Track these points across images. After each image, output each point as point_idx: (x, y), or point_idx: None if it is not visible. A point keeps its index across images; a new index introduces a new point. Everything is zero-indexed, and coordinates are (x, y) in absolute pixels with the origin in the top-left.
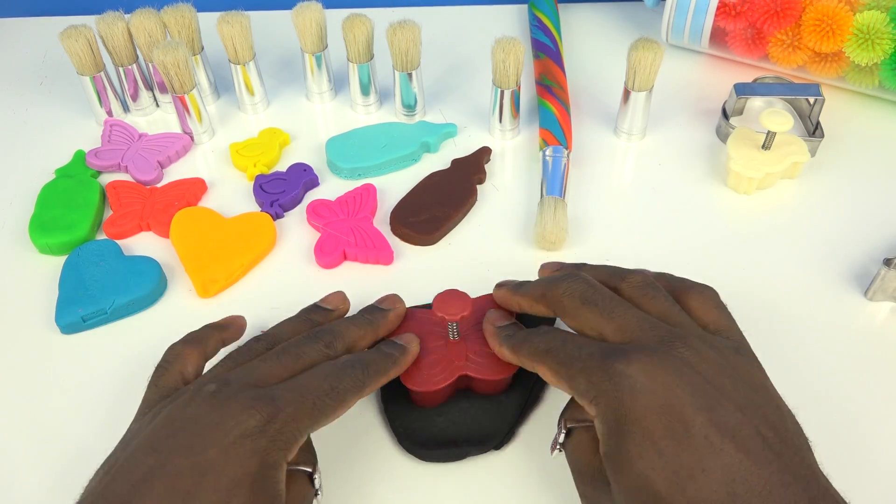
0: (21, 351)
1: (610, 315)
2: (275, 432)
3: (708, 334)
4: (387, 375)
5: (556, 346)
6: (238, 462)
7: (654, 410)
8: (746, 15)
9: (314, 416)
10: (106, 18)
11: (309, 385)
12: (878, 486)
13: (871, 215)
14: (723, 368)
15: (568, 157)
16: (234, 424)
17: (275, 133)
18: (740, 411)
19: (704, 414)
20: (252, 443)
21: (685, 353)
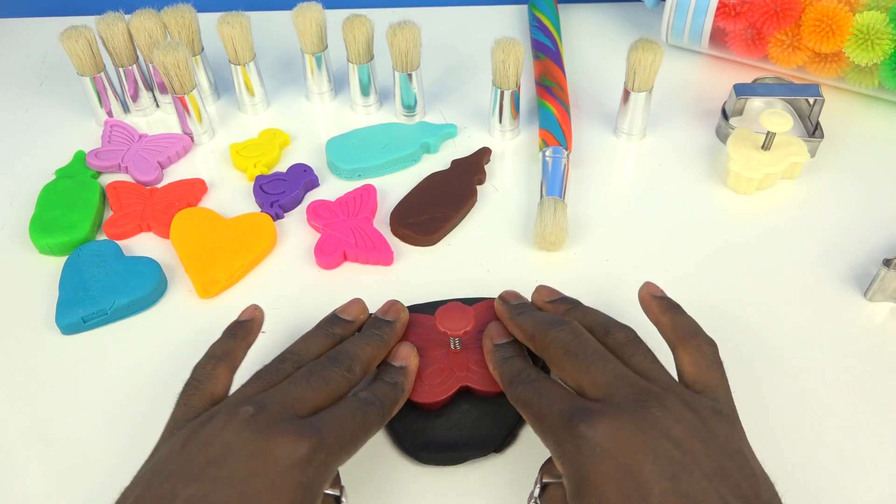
0: (21, 351)
1: (588, 369)
2: (320, 463)
3: (690, 393)
4: (399, 405)
5: (532, 400)
6: (286, 493)
7: (612, 477)
8: (746, 15)
9: (350, 448)
10: (106, 19)
11: (346, 417)
12: (879, 486)
13: (870, 215)
14: (696, 432)
15: (568, 157)
16: (283, 454)
17: (275, 133)
18: (707, 479)
19: (665, 482)
20: (301, 473)
21: (657, 414)
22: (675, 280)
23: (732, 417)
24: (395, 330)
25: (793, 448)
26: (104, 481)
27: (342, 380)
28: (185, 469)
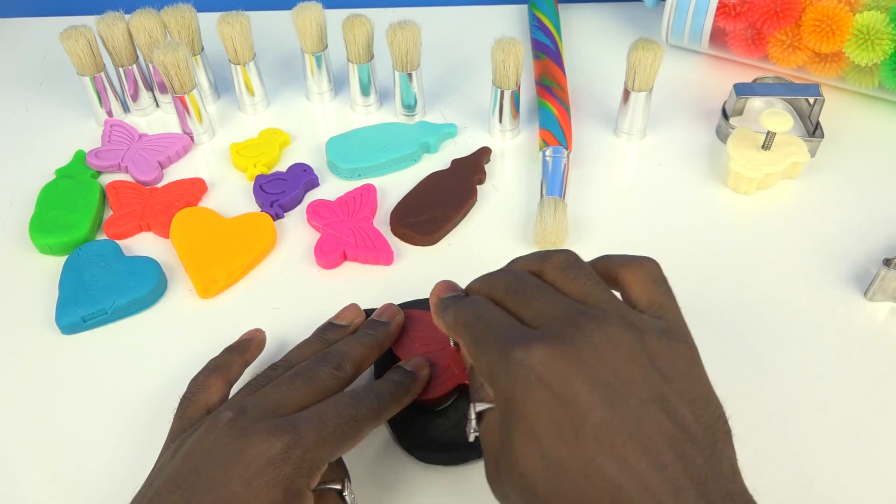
0: (21, 351)
1: (528, 301)
2: (297, 459)
3: (634, 313)
4: (400, 404)
5: (472, 322)
6: (262, 493)
7: (545, 406)
8: (746, 15)
9: (334, 442)
10: (106, 19)
11: (328, 412)
12: (879, 485)
13: (871, 215)
14: (636, 356)
15: (568, 157)
16: (256, 454)
17: (275, 133)
18: (643, 406)
19: (600, 412)
20: (275, 471)
21: (595, 339)
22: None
23: (680, 336)
24: (390, 330)
25: (793, 447)
26: (104, 481)
27: (329, 378)
28: (171, 479)
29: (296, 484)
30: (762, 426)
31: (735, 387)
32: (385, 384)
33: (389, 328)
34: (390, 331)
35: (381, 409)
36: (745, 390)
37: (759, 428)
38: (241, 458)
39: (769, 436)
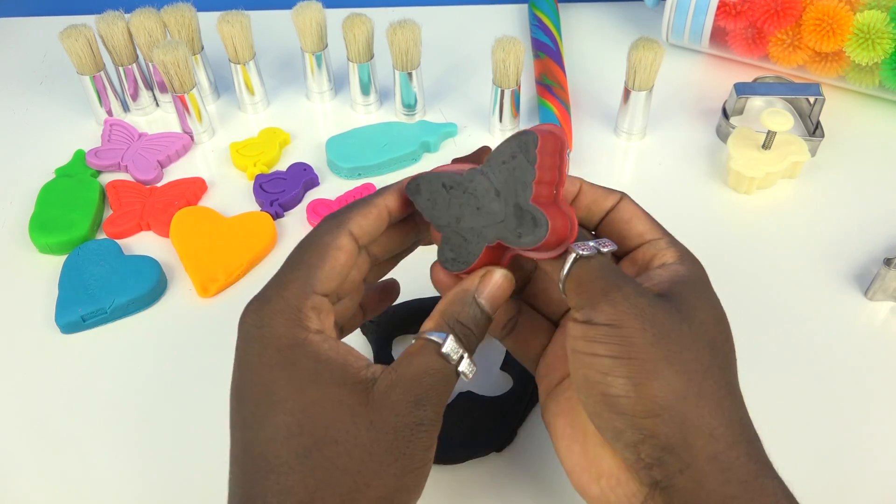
0: (21, 351)
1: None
2: (254, 311)
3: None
4: (370, 205)
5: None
6: (238, 351)
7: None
8: (746, 14)
9: (281, 283)
10: (106, 18)
11: (289, 257)
12: (879, 485)
13: (871, 215)
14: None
15: (568, 156)
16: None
17: (275, 133)
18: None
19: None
20: (241, 331)
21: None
22: None
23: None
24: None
25: (793, 447)
26: (104, 480)
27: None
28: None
29: (251, 334)
30: (762, 426)
31: None
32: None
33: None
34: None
35: (342, 219)
36: (744, 390)
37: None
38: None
39: (769, 435)
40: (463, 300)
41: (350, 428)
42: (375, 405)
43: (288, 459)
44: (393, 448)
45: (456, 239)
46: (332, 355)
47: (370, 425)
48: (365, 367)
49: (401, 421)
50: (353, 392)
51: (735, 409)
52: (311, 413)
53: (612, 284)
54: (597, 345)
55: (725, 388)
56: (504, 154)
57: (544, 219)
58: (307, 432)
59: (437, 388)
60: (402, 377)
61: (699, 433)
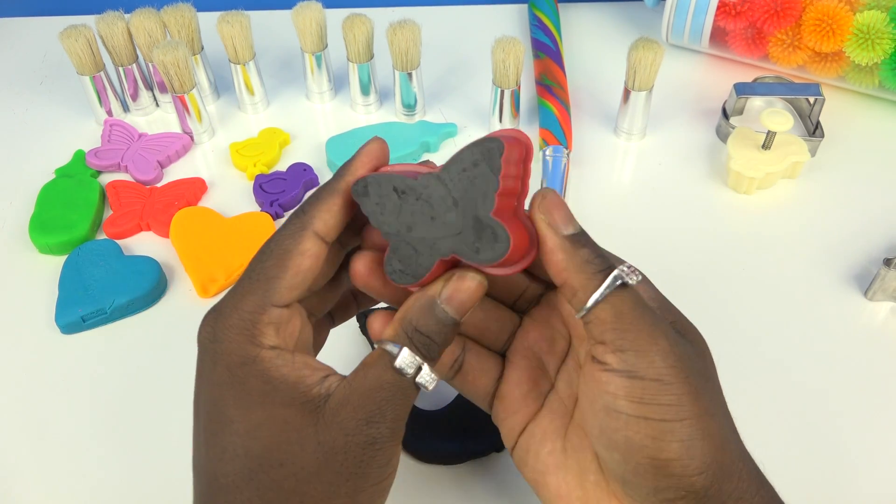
0: (21, 351)
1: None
2: (209, 324)
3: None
4: (333, 194)
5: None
6: (197, 369)
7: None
8: (746, 15)
9: (255, 287)
10: (106, 18)
11: (250, 265)
12: (879, 485)
13: (871, 215)
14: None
15: (568, 156)
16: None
17: (275, 133)
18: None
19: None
20: (200, 349)
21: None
22: (675, 279)
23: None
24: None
25: (793, 447)
26: (103, 480)
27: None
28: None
29: (209, 349)
30: (762, 425)
31: (735, 386)
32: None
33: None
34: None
35: (305, 219)
36: (745, 390)
37: (758, 427)
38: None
39: (769, 435)
40: (424, 306)
41: (296, 450)
42: (324, 425)
43: (235, 479)
44: (343, 469)
45: (405, 249)
46: (285, 372)
47: (317, 446)
48: (319, 383)
49: (351, 441)
50: (301, 412)
51: (738, 439)
52: (257, 435)
53: (658, 329)
54: (647, 407)
55: (731, 422)
56: (465, 160)
57: (506, 234)
58: (252, 455)
59: (392, 403)
60: (354, 392)
61: (731, 476)
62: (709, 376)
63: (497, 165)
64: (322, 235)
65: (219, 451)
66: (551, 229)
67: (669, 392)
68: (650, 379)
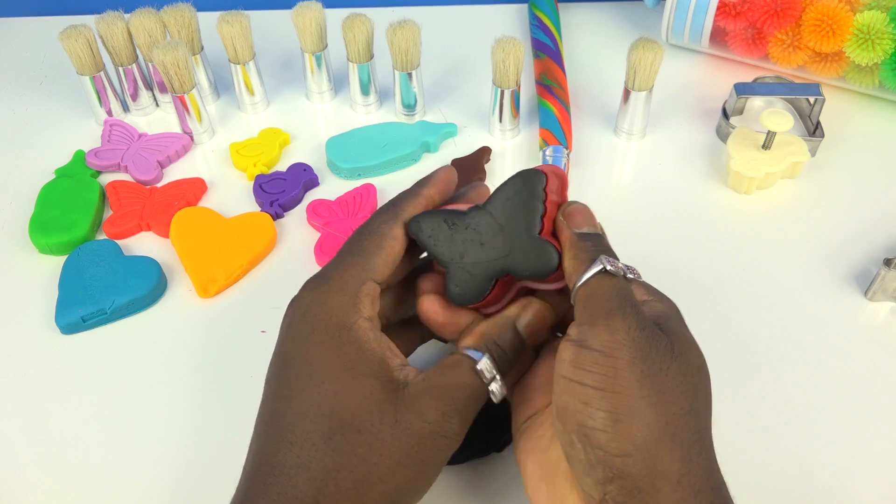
0: (21, 351)
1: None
2: (297, 303)
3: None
4: (418, 196)
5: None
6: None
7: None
8: (746, 15)
9: (357, 261)
10: (106, 18)
11: (342, 248)
12: (879, 485)
13: (871, 215)
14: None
15: (568, 156)
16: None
17: (275, 133)
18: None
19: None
20: (286, 319)
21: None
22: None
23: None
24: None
25: (792, 447)
26: (103, 481)
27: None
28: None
29: (337, 315)
30: (762, 426)
31: (735, 386)
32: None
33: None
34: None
35: (397, 208)
36: (744, 390)
37: (758, 427)
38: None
39: (769, 435)
40: (503, 325)
41: (375, 421)
42: (404, 406)
43: (312, 436)
44: (411, 451)
45: (461, 274)
46: (374, 346)
47: (395, 423)
48: (399, 367)
49: (426, 428)
50: (385, 387)
51: (705, 456)
52: (344, 398)
53: (618, 309)
54: (584, 373)
55: (698, 435)
56: (508, 191)
57: (555, 250)
58: (336, 415)
59: (467, 404)
60: (434, 386)
61: (668, 479)
62: (672, 381)
63: (539, 193)
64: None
65: (304, 407)
66: (568, 228)
67: (608, 364)
68: (593, 349)
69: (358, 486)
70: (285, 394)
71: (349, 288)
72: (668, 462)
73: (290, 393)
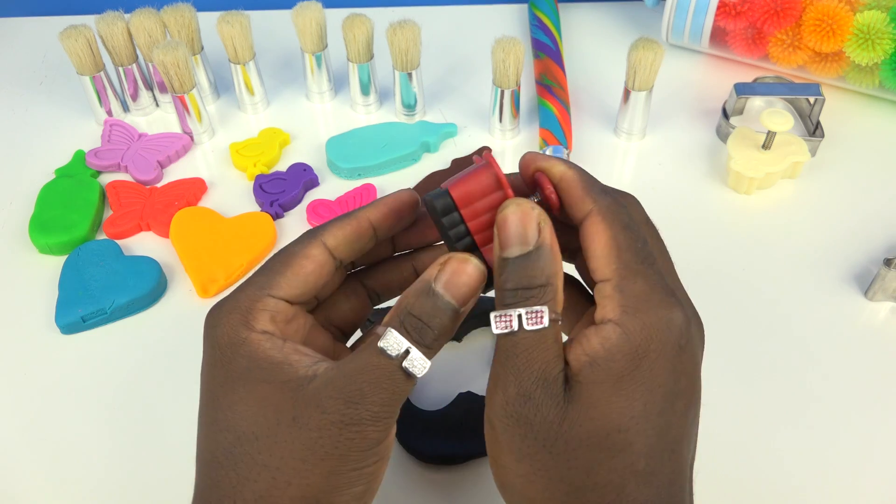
0: (21, 351)
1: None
2: (226, 310)
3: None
4: (350, 217)
5: (634, 231)
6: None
7: (676, 377)
8: (746, 15)
9: (256, 280)
10: (106, 18)
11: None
12: (879, 485)
13: (871, 215)
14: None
15: (568, 156)
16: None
17: (275, 133)
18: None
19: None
20: (208, 331)
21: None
22: None
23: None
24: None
25: (793, 447)
26: (103, 481)
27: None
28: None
29: (226, 334)
30: (762, 426)
31: (735, 387)
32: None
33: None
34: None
35: (319, 230)
36: (744, 390)
37: (758, 428)
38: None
39: (768, 436)
40: (419, 290)
41: (272, 424)
42: (303, 402)
43: (216, 454)
44: (316, 446)
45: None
46: (271, 354)
47: (292, 421)
48: (308, 366)
49: (327, 419)
50: (281, 389)
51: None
52: (237, 410)
53: (499, 380)
54: (487, 442)
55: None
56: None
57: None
58: (232, 429)
59: (375, 386)
60: (340, 374)
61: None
62: (556, 451)
63: (447, 220)
64: (330, 248)
65: (206, 428)
66: (498, 247)
67: (495, 438)
68: (486, 418)
69: (265, 496)
70: (199, 419)
71: (242, 306)
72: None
73: (201, 417)
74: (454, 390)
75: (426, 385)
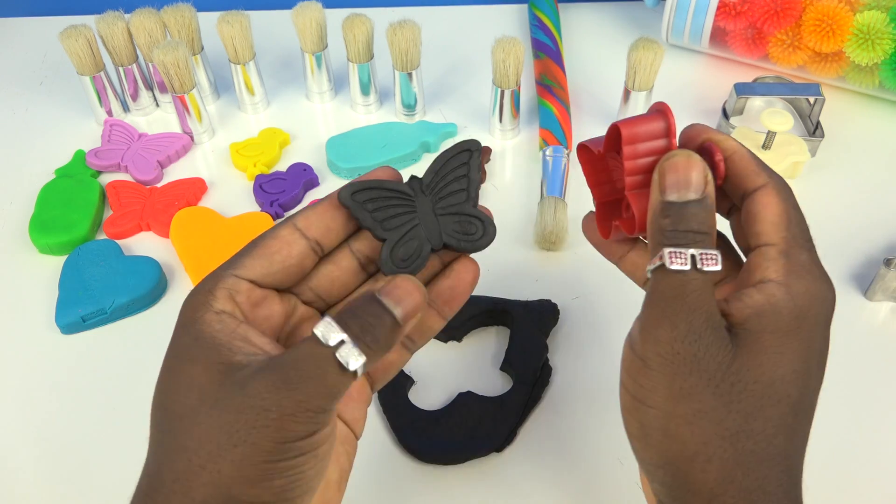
0: (21, 351)
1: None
2: (193, 293)
3: None
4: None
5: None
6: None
7: (817, 347)
8: (746, 15)
9: (227, 263)
10: (106, 18)
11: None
12: (879, 485)
13: (871, 215)
14: None
15: (568, 156)
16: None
17: (275, 133)
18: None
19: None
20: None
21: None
22: None
23: None
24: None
25: None
26: (103, 480)
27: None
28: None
29: (185, 312)
30: None
31: None
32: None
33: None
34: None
35: (294, 215)
36: None
37: None
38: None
39: None
40: (362, 294)
41: (196, 404)
42: (230, 386)
43: (153, 433)
44: (232, 431)
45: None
46: (216, 336)
47: (214, 403)
48: (248, 355)
49: (246, 402)
50: (210, 370)
51: (754, 477)
52: (168, 386)
53: (668, 317)
54: (628, 377)
55: (748, 457)
56: (439, 162)
57: (490, 222)
58: (163, 405)
59: (304, 374)
60: (274, 362)
61: (699, 496)
62: (720, 399)
63: (475, 164)
64: (302, 229)
65: (152, 404)
66: (657, 192)
67: (648, 376)
68: (638, 355)
69: (181, 478)
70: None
71: (206, 286)
72: (700, 480)
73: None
74: (454, 390)
75: (426, 385)
